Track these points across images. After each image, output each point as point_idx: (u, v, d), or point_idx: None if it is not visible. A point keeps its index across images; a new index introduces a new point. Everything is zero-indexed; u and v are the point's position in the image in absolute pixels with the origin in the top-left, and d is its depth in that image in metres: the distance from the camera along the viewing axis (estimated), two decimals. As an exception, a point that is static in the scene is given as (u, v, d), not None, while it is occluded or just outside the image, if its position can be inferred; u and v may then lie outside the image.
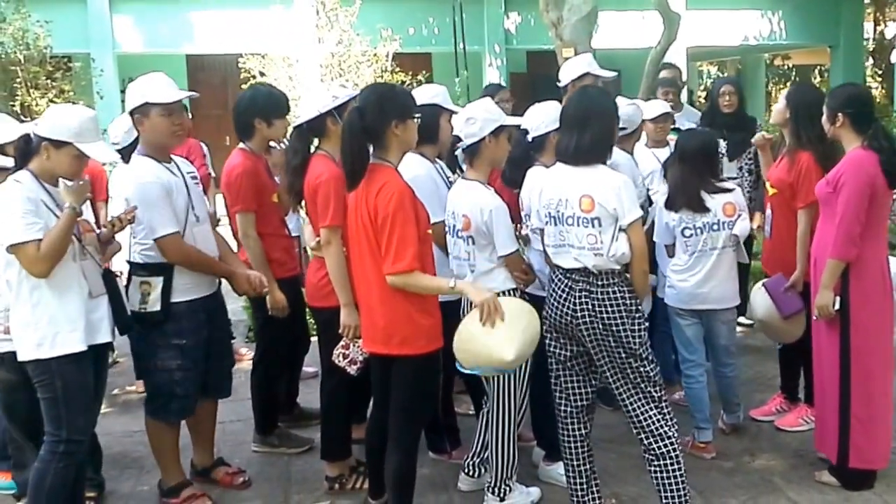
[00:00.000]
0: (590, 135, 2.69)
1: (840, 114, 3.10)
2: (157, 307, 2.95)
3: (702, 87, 16.78)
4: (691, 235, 3.48)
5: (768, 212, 3.76)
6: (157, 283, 2.95)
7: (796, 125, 3.53)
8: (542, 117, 3.21)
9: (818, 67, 16.84)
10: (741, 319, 5.24)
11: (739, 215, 3.48)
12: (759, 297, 3.53)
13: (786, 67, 17.62)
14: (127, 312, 2.92)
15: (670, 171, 3.61)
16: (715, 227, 3.45)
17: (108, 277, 2.88)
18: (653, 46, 7.66)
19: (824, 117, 3.19)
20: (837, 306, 3.08)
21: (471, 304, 3.01)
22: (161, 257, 2.99)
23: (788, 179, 3.55)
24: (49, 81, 8.04)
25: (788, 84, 15.70)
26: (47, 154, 2.70)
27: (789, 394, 3.90)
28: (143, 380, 3.35)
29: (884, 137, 3.10)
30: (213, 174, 4.91)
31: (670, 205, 3.50)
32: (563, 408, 2.89)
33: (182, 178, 3.06)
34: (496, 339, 2.54)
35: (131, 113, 3.00)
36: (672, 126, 4.45)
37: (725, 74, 16.04)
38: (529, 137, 3.24)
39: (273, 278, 3.44)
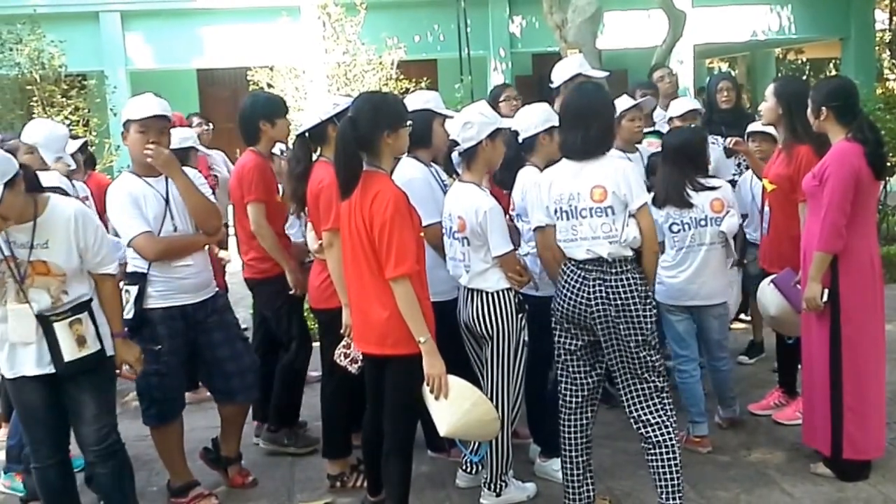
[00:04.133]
0: (596, 128, 2.78)
1: (824, 107, 3.12)
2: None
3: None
4: (678, 231, 3.51)
5: (766, 209, 3.77)
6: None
7: (790, 119, 3.53)
8: (532, 119, 3.27)
9: (833, 61, 16.56)
10: (742, 316, 5.25)
11: (728, 212, 3.48)
12: (770, 294, 3.49)
13: (799, 62, 17.38)
14: (62, 360, 2.64)
15: (659, 169, 3.65)
16: (702, 222, 3.47)
17: (44, 323, 2.64)
18: (658, 45, 7.67)
19: (809, 111, 3.21)
20: (825, 298, 3.09)
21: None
22: (140, 266, 3.09)
23: (787, 173, 3.54)
24: (64, 100, 8.20)
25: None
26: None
27: (788, 388, 3.89)
28: None
29: (869, 129, 3.11)
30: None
31: (656, 202, 3.53)
32: (568, 397, 2.94)
33: (164, 192, 3.13)
34: (436, 409, 2.74)
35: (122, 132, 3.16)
36: (651, 129, 4.50)
37: (736, 72, 15.85)
38: (520, 139, 3.30)
39: (290, 260, 3.60)
